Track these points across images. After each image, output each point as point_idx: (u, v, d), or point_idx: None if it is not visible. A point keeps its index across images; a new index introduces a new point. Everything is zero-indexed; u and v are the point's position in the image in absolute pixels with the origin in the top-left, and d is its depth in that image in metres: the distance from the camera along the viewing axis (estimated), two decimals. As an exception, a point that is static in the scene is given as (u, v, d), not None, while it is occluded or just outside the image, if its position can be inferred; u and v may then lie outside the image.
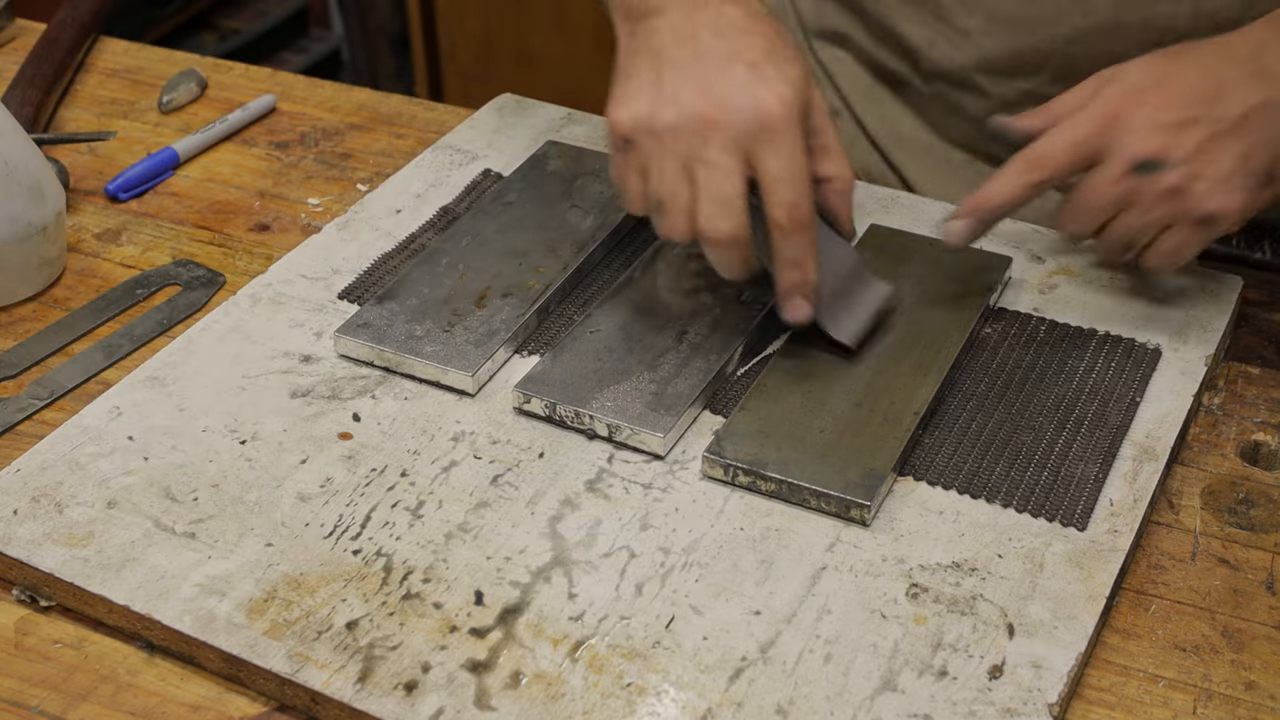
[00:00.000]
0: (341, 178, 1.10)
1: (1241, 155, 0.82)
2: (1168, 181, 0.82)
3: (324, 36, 2.91)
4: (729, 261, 0.82)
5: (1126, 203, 0.84)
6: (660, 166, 0.80)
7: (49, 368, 0.92)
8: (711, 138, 0.79)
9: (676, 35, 0.82)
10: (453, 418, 0.85)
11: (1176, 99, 0.83)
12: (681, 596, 0.74)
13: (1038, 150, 0.85)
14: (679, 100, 0.79)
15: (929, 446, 0.82)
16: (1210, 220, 0.83)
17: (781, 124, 0.79)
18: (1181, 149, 0.82)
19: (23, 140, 0.97)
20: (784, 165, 0.79)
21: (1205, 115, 0.82)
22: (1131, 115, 0.83)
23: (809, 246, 0.81)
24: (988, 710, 0.68)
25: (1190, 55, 0.85)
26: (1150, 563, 0.78)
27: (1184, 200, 0.83)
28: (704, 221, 0.80)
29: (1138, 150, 0.82)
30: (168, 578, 0.75)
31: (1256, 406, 0.87)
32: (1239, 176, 0.82)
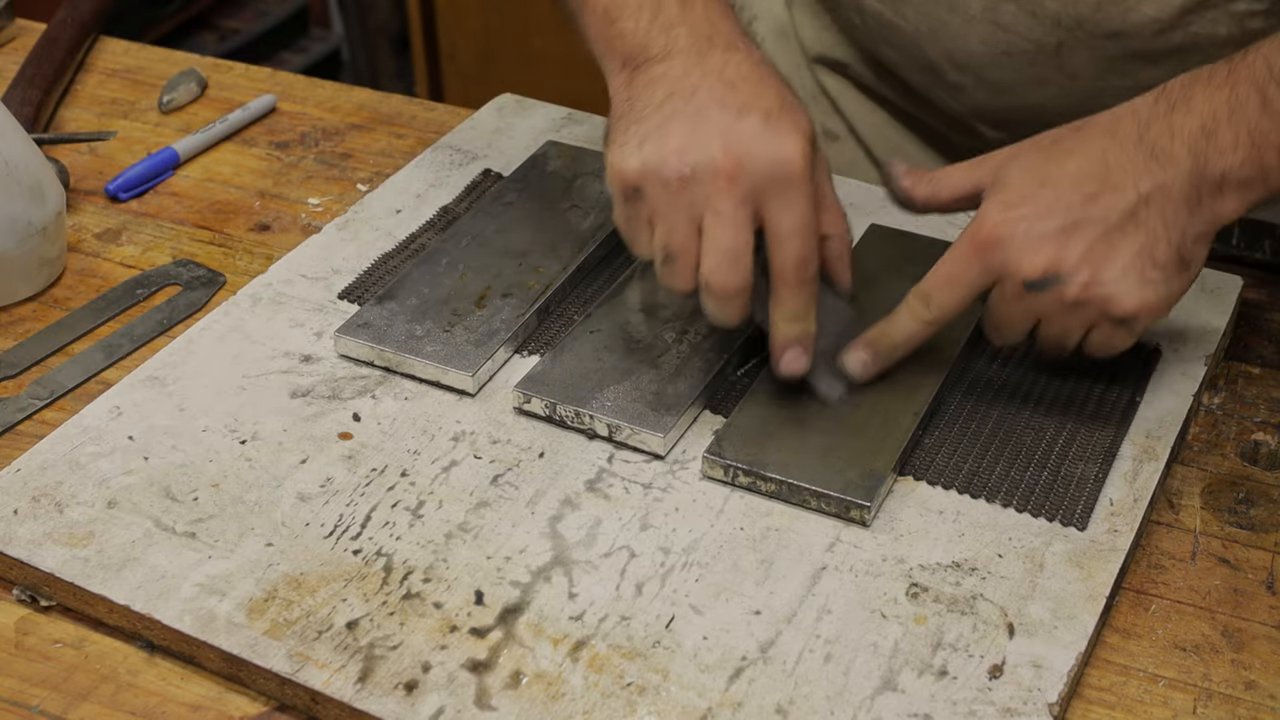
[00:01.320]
0: (341, 178, 1.10)
1: (1141, 248, 0.77)
2: (1067, 295, 0.77)
3: (324, 36, 2.91)
4: (727, 312, 0.80)
5: (1036, 316, 0.80)
6: (670, 217, 0.79)
7: (49, 367, 0.92)
8: (725, 189, 0.77)
9: (684, 84, 0.80)
10: (453, 418, 0.85)
11: (1055, 203, 0.77)
12: (681, 596, 0.74)
13: (925, 288, 0.81)
14: (692, 150, 0.77)
15: (929, 446, 0.82)
16: (1130, 319, 0.78)
17: (798, 177, 0.78)
18: (1071, 258, 0.77)
19: (23, 140, 0.97)
20: (796, 218, 0.78)
21: (1091, 215, 0.77)
22: (1011, 233, 0.77)
23: (812, 301, 0.81)
24: (988, 710, 0.68)
25: (1070, 141, 0.80)
26: (1150, 562, 0.78)
27: (1092, 308, 0.78)
28: (709, 274, 0.79)
29: (1026, 272, 0.77)
30: (168, 577, 0.75)
31: (1256, 406, 0.87)
32: (1145, 270, 0.77)
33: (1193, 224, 0.77)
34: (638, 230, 0.81)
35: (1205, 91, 0.77)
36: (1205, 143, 0.76)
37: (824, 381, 0.84)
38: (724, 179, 0.77)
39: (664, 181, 0.78)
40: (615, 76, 0.84)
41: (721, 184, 0.77)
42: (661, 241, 0.80)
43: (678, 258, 0.79)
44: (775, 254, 0.79)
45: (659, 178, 0.78)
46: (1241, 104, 0.76)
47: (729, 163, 0.77)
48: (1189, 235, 0.78)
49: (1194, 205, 0.77)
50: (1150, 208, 0.77)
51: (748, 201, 0.77)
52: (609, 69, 0.85)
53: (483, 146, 1.09)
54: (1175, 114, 0.77)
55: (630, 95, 0.82)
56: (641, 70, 0.82)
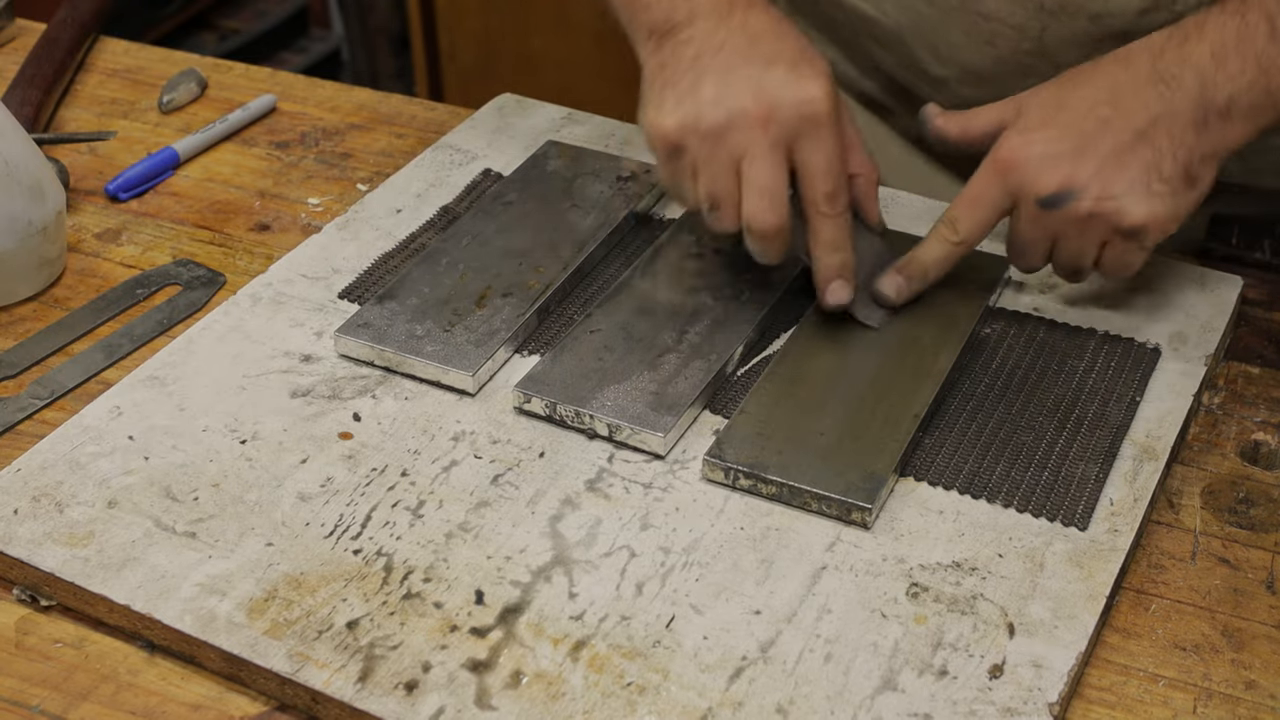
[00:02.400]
0: (341, 178, 1.10)
1: (1149, 164, 0.82)
2: (1080, 209, 0.82)
3: (324, 36, 2.91)
4: (771, 250, 0.85)
5: (1053, 236, 0.85)
6: (711, 166, 0.84)
7: (49, 367, 0.92)
8: (759, 134, 0.82)
9: (709, 44, 0.85)
10: (453, 417, 0.85)
11: (1069, 127, 0.83)
12: (682, 596, 0.74)
13: (951, 214, 0.87)
14: (725, 102, 0.83)
15: (929, 447, 0.82)
16: (1139, 231, 0.83)
17: (825, 118, 0.83)
18: (1083, 175, 0.82)
19: (23, 140, 0.97)
20: (825, 156, 0.83)
21: (1102, 136, 0.82)
22: (1026, 156, 0.83)
23: (847, 230, 0.86)
24: (988, 710, 0.68)
25: (1087, 73, 0.85)
26: (1150, 562, 0.78)
27: (1104, 221, 0.83)
28: (751, 213, 0.84)
29: (1040, 189, 0.83)
30: (168, 577, 0.75)
31: (1256, 406, 0.87)
32: (1152, 184, 0.82)
33: (1200, 145, 0.82)
34: (683, 183, 0.86)
35: (1217, 20, 0.82)
36: (1214, 68, 0.81)
37: (863, 310, 0.89)
38: (757, 124, 0.82)
39: (702, 134, 0.83)
40: (644, 46, 0.89)
41: (756, 129, 0.82)
42: (706, 189, 0.85)
43: (722, 203, 0.84)
44: (808, 189, 0.84)
45: (697, 131, 0.83)
46: (1250, 31, 0.81)
47: (761, 109, 0.82)
48: (1196, 155, 0.82)
49: (1201, 127, 0.81)
50: (1158, 128, 0.82)
51: (780, 144, 0.83)
52: (638, 40, 0.90)
53: (483, 146, 1.09)
54: (1187, 43, 0.82)
55: (661, 61, 0.87)
56: (669, 37, 0.87)
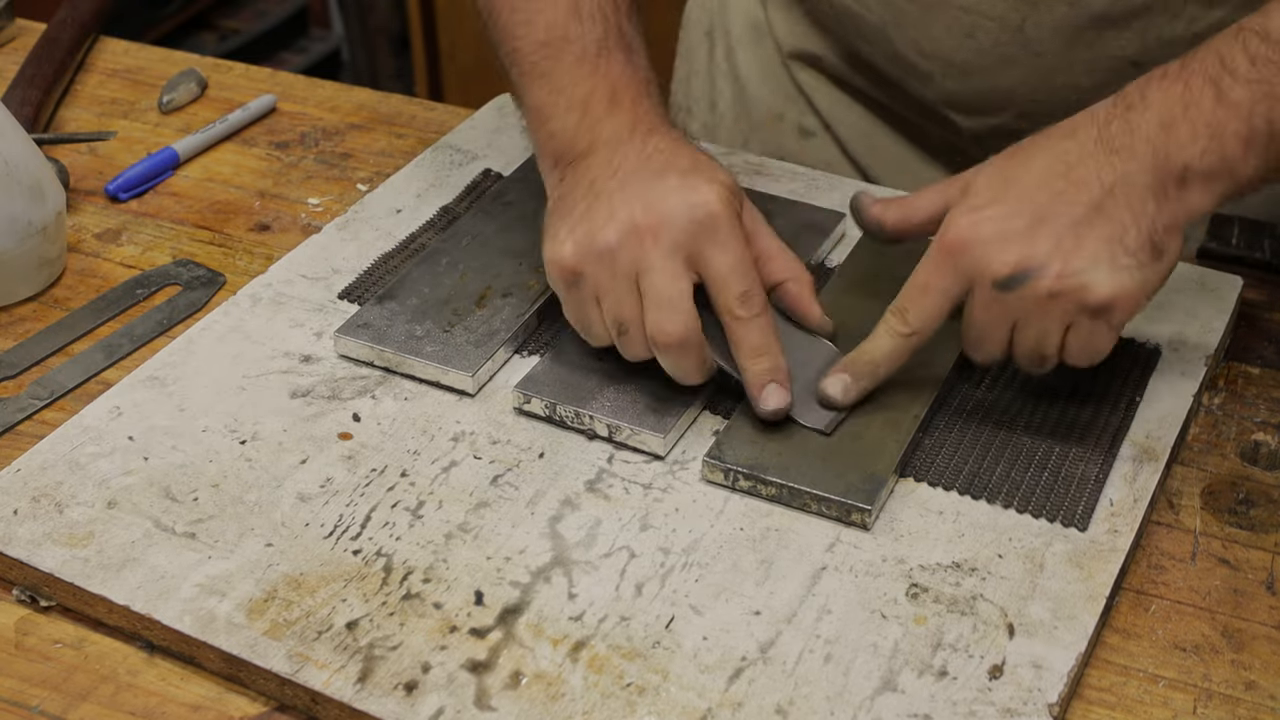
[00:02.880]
0: (341, 178, 1.10)
1: (1110, 237, 0.76)
2: (1041, 288, 0.76)
3: (324, 36, 2.91)
4: (684, 367, 0.81)
5: (1013, 320, 0.79)
6: (611, 288, 0.81)
7: (49, 368, 0.92)
8: (653, 244, 0.79)
9: (605, 169, 0.83)
10: (453, 418, 0.85)
11: (1022, 203, 0.77)
12: (681, 596, 0.74)
13: (899, 304, 0.81)
14: (616, 218, 0.80)
15: (929, 447, 0.82)
16: (1107, 308, 0.77)
17: (721, 219, 0.80)
18: (1040, 252, 0.76)
19: (23, 140, 0.97)
20: (729, 258, 0.80)
21: (1057, 210, 0.77)
22: (976, 236, 0.77)
23: (770, 331, 0.81)
24: (988, 710, 0.68)
25: (1031, 148, 0.80)
26: (1150, 563, 0.78)
27: (1067, 299, 0.76)
28: (653, 328, 0.80)
29: (997, 270, 0.77)
30: (168, 578, 0.75)
31: (1256, 406, 0.87)
32: (1117, 257, 0.76)
33: (1161, 214, 0.77)
34: (589, 314, 0.83)
35: (1160, 87, 0.78)
36: (1164, 136, 0.77)
37: (809, 415, 0.82)
38: (649, 235, 0.79)
39: (597, 255, 0.80)
40: (549, 176, 0.87)
41: (648, 240, 0.79)
42: (611, 315, 0.81)
43: (628, 325, 0.81)
44: (718, 296, 0.81)
45: (591, 254, 0.80)
46: (1196, 98, 0.77)
47: (650, 219, 0.80)
48: (1159, 224, 0.77)
49: (1160, 196, 0.77)
50: (1115, 198, 0.77)
51: (676, 252, 0.80)
52: (544, 168, 0.88)
53: (483, 146, 1.09)
54: (1132, 112, 0.78)
55: (561, 193, 0.85)
56: (571, 166, 0.85)
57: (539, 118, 0.87)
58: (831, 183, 1.04)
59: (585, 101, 0.85)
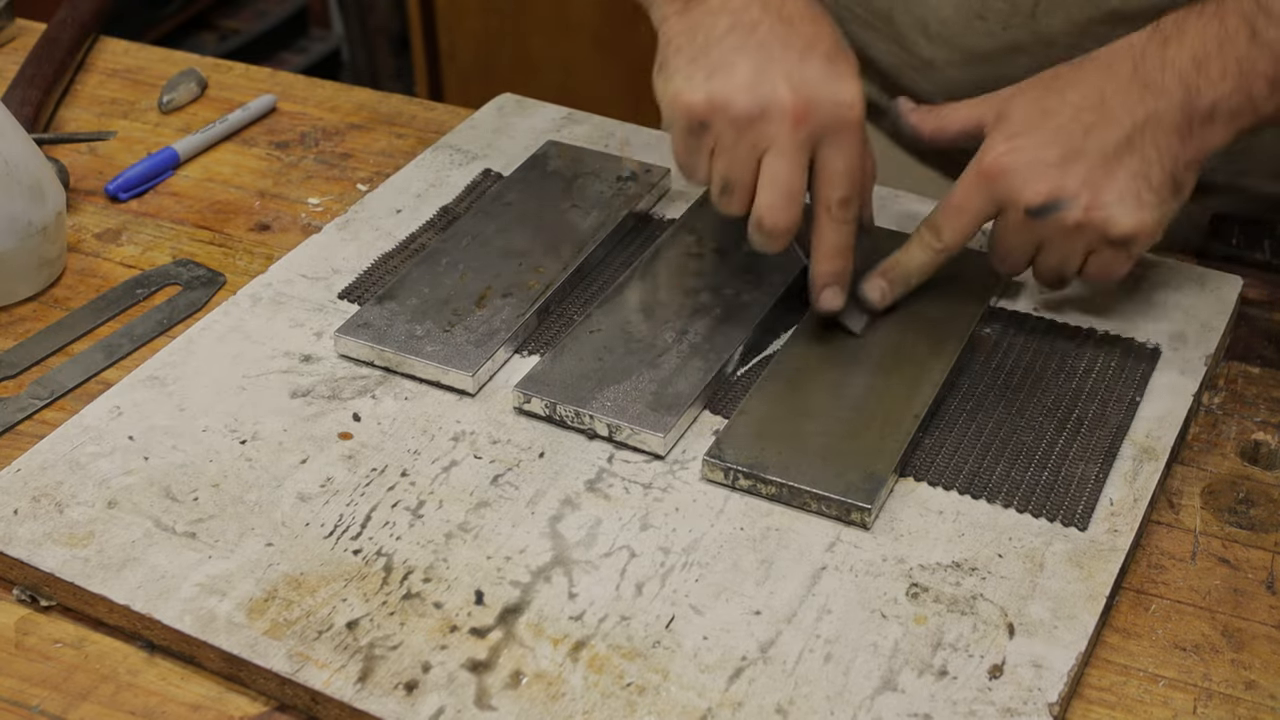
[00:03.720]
0: (341, 178, 1.10)
1: (1137, 173, 0.81)
2: (1069, 219, 0.81)
3: (324, 36, 2.91)
4: (772, 245, 0.84)
5: (1038, 243, 0.84)
6: (733, 150, 0.82)
7: (49, 367, 0.92)
8: (790, 129, 0.80)
9: (743, 19, 0.82)
10: (453, 418, 0.85)
11: (1058, 134, 0.81)
12: (681, 596, 0.74)
13: (934, 220, 0.86)
14: (760, 88, 0.80)
15: (929, 447, 0.82)
16: (1128, 241, 0.82)
17: (856, 123, 0.82)
18: (1071, 184, 0.81)
19: (23, 140, 0.97)
20: (848, 162, 0.82)
21: (1089, 144, 0.81)
22: (1014, 164, 0.81)
23: (852, 239, 0.85)
24: (988, 710, 0.68)
25: (1068, 77, 0.83)
26: (1150, 562, 0.78)
27: (1092, 230, 0.82)
28: (764, 209, 0.82)
29: (1029, 199, 0.81)
30: (168, 577, 0.75)
31: (1256, 406, 0.87)
32: (1141, 193, 0.81)
33: (1185, 151, 0.81)
34: (698, 160, 0.84)
35: (1197, 24, 0.81)
36: (1196, 73, 0.80)
37: (849, 315, 0.88)
38: (791, 119, 0.80)
39: (732, 117, 0.81)
40: (668, 5, 0.85)
41: (788, 124, 0.80)
42: (722, 172, 0.83)
43: (735, 189, 0.83)
44: (824, 191, 0.83)
45: (727, 113, 0.81)
46: (1231, 36, 0.80)
47: (797, 104, 0.80)
48: (1181, 162, 0.81)
49: (1185, 134, 0.81)
50: (1144, 135, 0.80)
51: (808, 143, 0.81)
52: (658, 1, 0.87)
53: (483, 146, 1.09)
54: (1168, 47, 0.81)
55: (689, 25, 0.83)
56: (698, 1, 0.84)
57: None
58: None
59: None
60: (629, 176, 1.03)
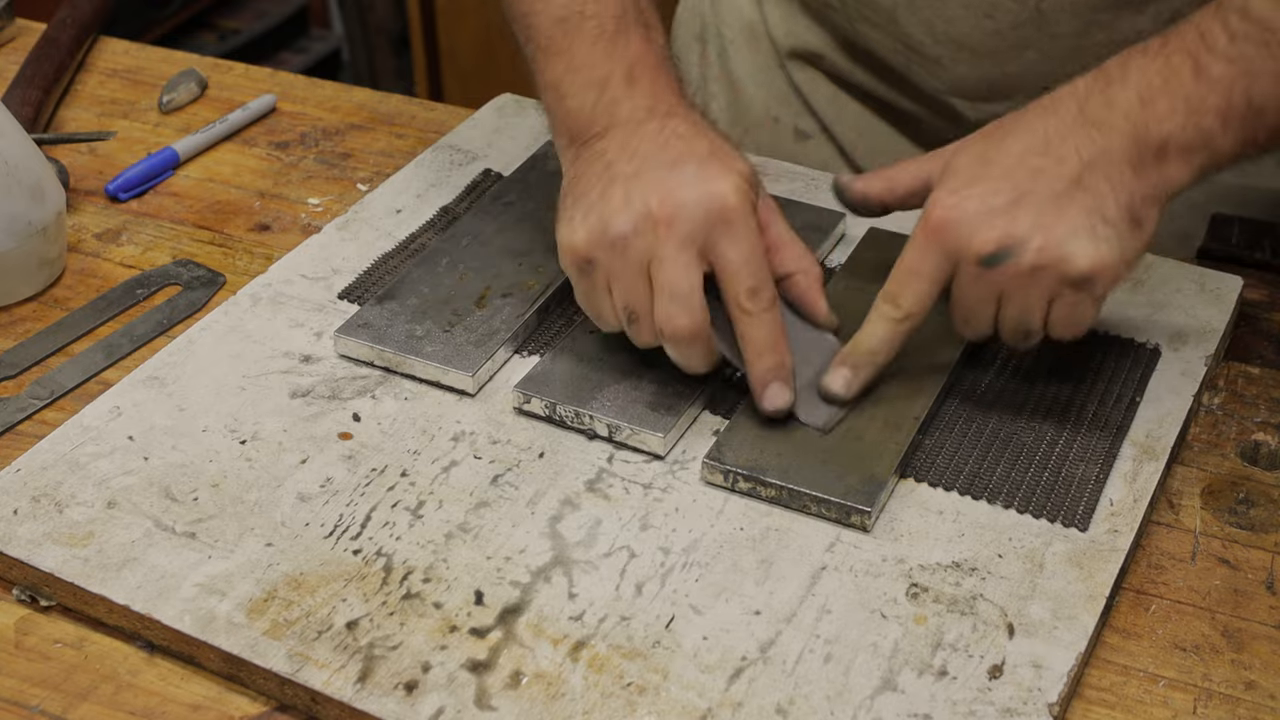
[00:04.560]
0: (341, 178, 1.10)
1: (1090, 209, 0.77)
2: (1024, 263, 0.77)
3: (324, 36, 2.91)
4: (690, 358, 0.81)
5: (998, 296, 0.79)
6: (623, 276, 0.80)
7: (49, 368, 0.92)
8: (667, 235, 0.79)
9: (623, 152, 0.82)
10: (453, 418, 0.85)
11: (1003, 180, 0.78)
12: (681, 596, 0.74)
13: (889, 290, 0.81)
14: (631, 205, 0.79)
15: (929, 448, 0.82)
16: (1088, 280, 0.77)
17: (736, 212, 0.79)
18: (1021, 228, 0.77)
19: (23, 140, 0.97)
20: (742, 252, 0.80)
21: (1037, 186, 0.77)
22: (961, 215, 0.78)
23: (777, 328, 0.81)
24: (988, 710, 0.68)
25: (1014, 125, 0.81)
26: (1150, 562, 0.78)
27: (1050, 272, 0.77)
28: (661, 319, 0.80)
29: (979, 247, 0.77)
30: (168, 577, 0.75)
31: (1256, 406, 0.87)
32: (1096, 228, 0.77)
33: (1140, 186, 0.78)
34: (600, 301, 0.82)
35: (1140, 63, 0.79)
36: (1142, 110, 0.78)
37: (809, 411, 0.83)
38: (663, 226, 0.79)
39: (609, 243, 0.80)
40: (564, 153, 0.86)
41: (661, 231, 0.79)
42: (621, 303, 0.81)
43: (638, 314, 0.81)
44: (727, 288, 0.80)
45: (604, 241, 0.80)
46: (1175, 71, 0.77)
47: (665, 210, 0.79)
48: (1137, 196, 0.78)
49: (1138, 167, 0.78)
50: (1095, 171, 0.78)
51: (689, 244, 0.79)
52: (559, 145, 0.87)
53: (483, 146, 1.09)
54: (1112, 87, 0.79)
55: (576, 173, 0.84)
56: (586, 146, 0.84)
57: (555, 94, 0.86)
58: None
59: (603, 81, 0.84)
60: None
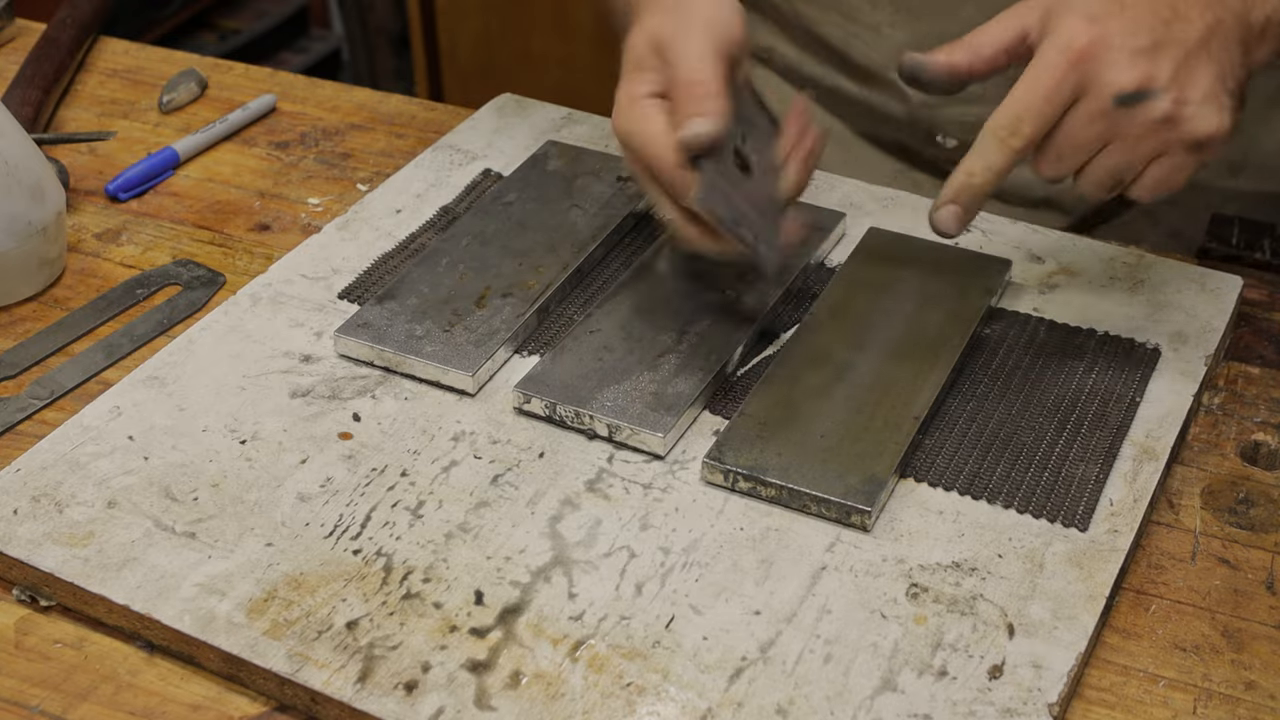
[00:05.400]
0: (341, 178, 1.10)
1: (1217, 75, 0.78)
2: (1157, 111, 0.77)
3: (324, 36, 2.91)
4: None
5: (1111, 138, 0.78)
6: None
7: (49, 367, 0.92)
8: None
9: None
10: (453, 418, 0.85)
11: (1140, 24, 0.77)
12: (681, 596, 0.74)
13: (1011, 112, 0.78)
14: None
15: (929, 448, 0.82)
16: (1204, 144, 0.78)
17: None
18: (1163, 75, 0.76)
19: (23, 140, 0.97)
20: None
21: (1173, 38, 0.77)
22: (1106, 46, 0.76)
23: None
24: (988, 710, 0.68)
25: None
26: (1150, 563, 0.78)
27: (1175, 128, 0.77)
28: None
29: (1121, 83, 0.76)
30: (168, 577, 0.75)
31: (1256, 406, 0.87)
32: (1221, 96, 0.78)
33: (1246, 63, 0.79)
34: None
35: None
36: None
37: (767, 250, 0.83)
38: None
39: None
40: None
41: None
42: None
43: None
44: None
45: None
46: None
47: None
48: (1243, 73, 0.79)
49: (1243, 45, 0.79)
50: (1216, 39, 0.78)
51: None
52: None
53: (483, 146, 1.09)
54: None
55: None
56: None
57: None
58: (831, 183, 1.04)
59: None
60: (629, 176, 1.03)
